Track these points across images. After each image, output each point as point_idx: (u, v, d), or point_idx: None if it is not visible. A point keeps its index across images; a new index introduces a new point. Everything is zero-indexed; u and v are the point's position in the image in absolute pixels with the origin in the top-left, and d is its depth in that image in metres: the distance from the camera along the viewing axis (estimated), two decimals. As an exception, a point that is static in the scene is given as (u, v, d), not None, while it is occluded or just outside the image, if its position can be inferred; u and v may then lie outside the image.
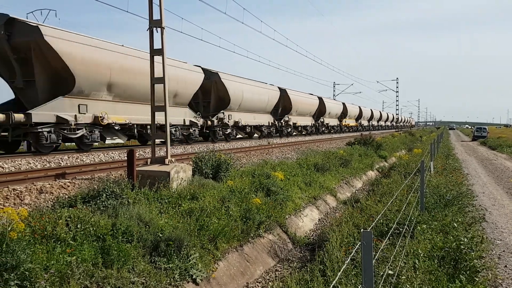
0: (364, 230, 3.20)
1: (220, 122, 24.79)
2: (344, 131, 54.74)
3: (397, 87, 69.58)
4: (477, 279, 5.21)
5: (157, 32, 9.17)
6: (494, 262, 6.33)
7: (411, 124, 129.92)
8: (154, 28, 9.14)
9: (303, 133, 41.65)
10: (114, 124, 16.61)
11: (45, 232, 4.88)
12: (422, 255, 5.71)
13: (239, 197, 8.32)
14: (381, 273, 4.77)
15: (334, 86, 71.91)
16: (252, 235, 7.51)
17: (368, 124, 71.52)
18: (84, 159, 13.42)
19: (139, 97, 17.80)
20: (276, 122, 33.61)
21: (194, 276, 5.53)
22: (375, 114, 77.45)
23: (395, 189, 10.68)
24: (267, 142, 25.29)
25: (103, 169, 11.14)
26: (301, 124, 39.37)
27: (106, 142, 19.64)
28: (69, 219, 5.34)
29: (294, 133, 38.78)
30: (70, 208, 5.87)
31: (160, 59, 9.20)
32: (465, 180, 14.11)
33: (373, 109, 77.09)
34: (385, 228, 7.02)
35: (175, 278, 5.29)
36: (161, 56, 9.15)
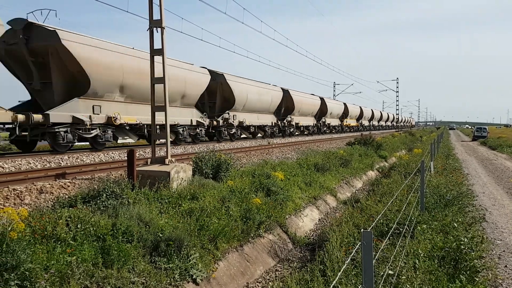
0: (364, 230, 3.20)
1: (226, 122, 25.19)
2: (345, 131, 54.86)
3: (397, 87, 69.61)
4: (477, 279, 5.21)
5: (157, 32, 9.18)
6: (494, 262, 6.32)
7: (411, 124, 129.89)
8: (154, 28, 9.15)
9: (305, 133, 41.87)
10: (126, 124, 17.07)
11: (45, 232, 4.88)
12: (422, 255, 5.71)
13: (239, 197, 8.32)
14: (381, 273, 4.77)
15: (334, 86, 71.97)
16: (252, 235, 7.51)
17: (369, 124, 71.57)
18: (84, 159, 13.44)
19: (150, 98, 18.16)
20: (279, 122, 33.92)
21: (194, 276, 5.53)
22: (376, 114, 77.50)
23: (395, 189, 10.67)
24: (267, 142, 25.31)
25: (103, 169, 11.15)
26: (303, 124, 39.63)
27: (118, 142, 20.07)
28: (69, 219, 5.34)
29: (297, 133, 39.03)
30: (70, 208, 5.87)
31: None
32: (465, 180, 14.10)
33: (374, 109, 77.16)
34: (385, 228, 7.02)
35: (175, 278, 5.29)
36: (162, 56, 9.17)
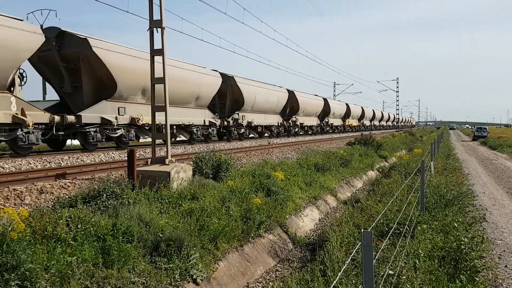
0: (365, 230, 3.20)
1: (235, 122, 26.51)
2: (347, 131, 55.31)
3: (397, 87, 69.66)
4: (478, 279, 5.20)
5: (158, 33, 9.19)
6: (495, 262, 6.32)
7: (412, 124, 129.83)
8: (155, 29, 9.16)
9: (309, 133, 42.64)
10: (147, 125, 18.14)
11: (46, 232, 4.88)
12: (423, 255, 5.70)
13: (240, 197, 8.32)
14: (382, 273, 4.77)
15: (335, 86, 72.02)
16: (253, 235, 7.50)
17: (370, 124, 71.67)
18: (85, 159, 13.44)
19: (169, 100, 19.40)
20: (285, 122, 35.11)
21: (195, 276, 5.53)
22: (377, 114, 77.60)
23: (396, 189, 10.66)
24: (268, 142, 25.34)
25: (104, 169, 11.15)
26: (308, 124, 40.72)
27: (140, 141, 21.24)
28: (70, 219, 5.34)
29: (301, 133, 39.81)
30: (71, 208, 5.87)
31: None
32: (466, 180, 14.10)
33: (375, 109, 77.22)
34: (386, 228, 7.02)
35: (176, 278, 5.29)
36: (161, 56, 9.17)
